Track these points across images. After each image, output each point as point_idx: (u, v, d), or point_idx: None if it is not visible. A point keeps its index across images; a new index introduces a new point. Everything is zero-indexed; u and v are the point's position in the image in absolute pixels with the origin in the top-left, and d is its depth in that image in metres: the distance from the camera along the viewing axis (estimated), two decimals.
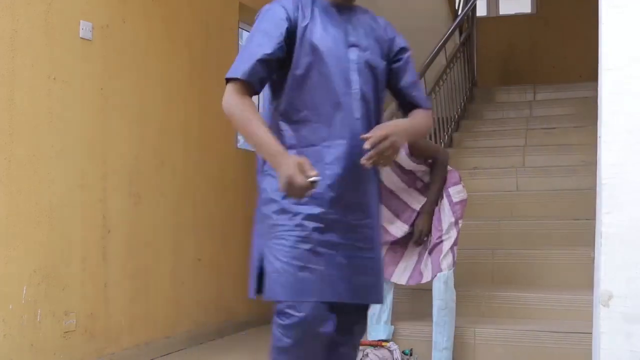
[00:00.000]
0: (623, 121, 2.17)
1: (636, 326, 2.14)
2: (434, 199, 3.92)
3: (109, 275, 4.28)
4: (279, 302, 2.17)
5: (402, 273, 3.98)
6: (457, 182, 3.99)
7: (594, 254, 2.28)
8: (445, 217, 3.90)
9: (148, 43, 4.63)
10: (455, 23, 7.11)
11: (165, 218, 4.79)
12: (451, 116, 6.86)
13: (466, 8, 7.56)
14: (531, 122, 6.90)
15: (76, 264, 4.03)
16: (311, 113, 2.22)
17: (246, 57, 2.18)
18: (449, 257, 3.84)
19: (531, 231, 5.13)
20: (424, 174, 3.99)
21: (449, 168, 4.00)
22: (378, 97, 2.33)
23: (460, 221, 3.93)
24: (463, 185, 4.02)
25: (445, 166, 3.94)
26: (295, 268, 2.14)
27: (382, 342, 3.80)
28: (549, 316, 4.26)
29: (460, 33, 7.71)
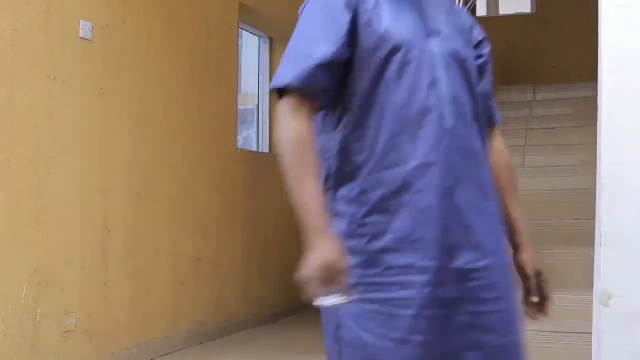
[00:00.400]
0: (623, 121, 2.17)
1: (636, 326, 2.14)
2: None
3: (109, 275, 4.28)
4: None
5: None
6: None
7: (594, 254, 2.28)
8: None
9: (148, 43, 4.63)
10: None
11: (165, 218, 4.79)
12: None
13: (466, 8, 7.56)
14: (531, 122, 6.89)
15: (76, 264, 4.03)
16: (387, 125, 1.64)
17: (300, 60, 1.61)
18: None
19: (531, 231, 5.08)
20: None
21: None
22: (474, 98, 1.77)
23: None
24: None
25: None
26: (395, 343, 1.58)
27: None
28: (549, 316, 4.25)
29: None
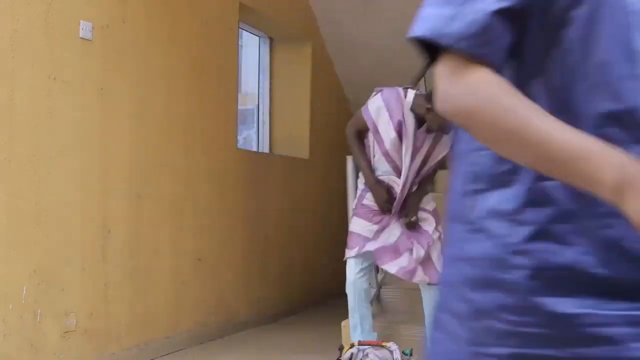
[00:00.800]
0: None
1: None
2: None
3: (109, 275, 4.28)
4: None
5: (395, 264, 3.94)
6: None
7: None
8: (429, 226, 3.92)
9: (148, 43, 4.63)
10: None
11: (165, 218, 4.79)
12: None
13: None
14: None
15: (76, 264, 4.03)
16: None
17: (462, 8, 0.99)
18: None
19: None
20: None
21: None
22: None
23: (439, 227, 3.94)
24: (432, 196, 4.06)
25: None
26: None
27: (382, 342, 3.80)
28: None
29: None
